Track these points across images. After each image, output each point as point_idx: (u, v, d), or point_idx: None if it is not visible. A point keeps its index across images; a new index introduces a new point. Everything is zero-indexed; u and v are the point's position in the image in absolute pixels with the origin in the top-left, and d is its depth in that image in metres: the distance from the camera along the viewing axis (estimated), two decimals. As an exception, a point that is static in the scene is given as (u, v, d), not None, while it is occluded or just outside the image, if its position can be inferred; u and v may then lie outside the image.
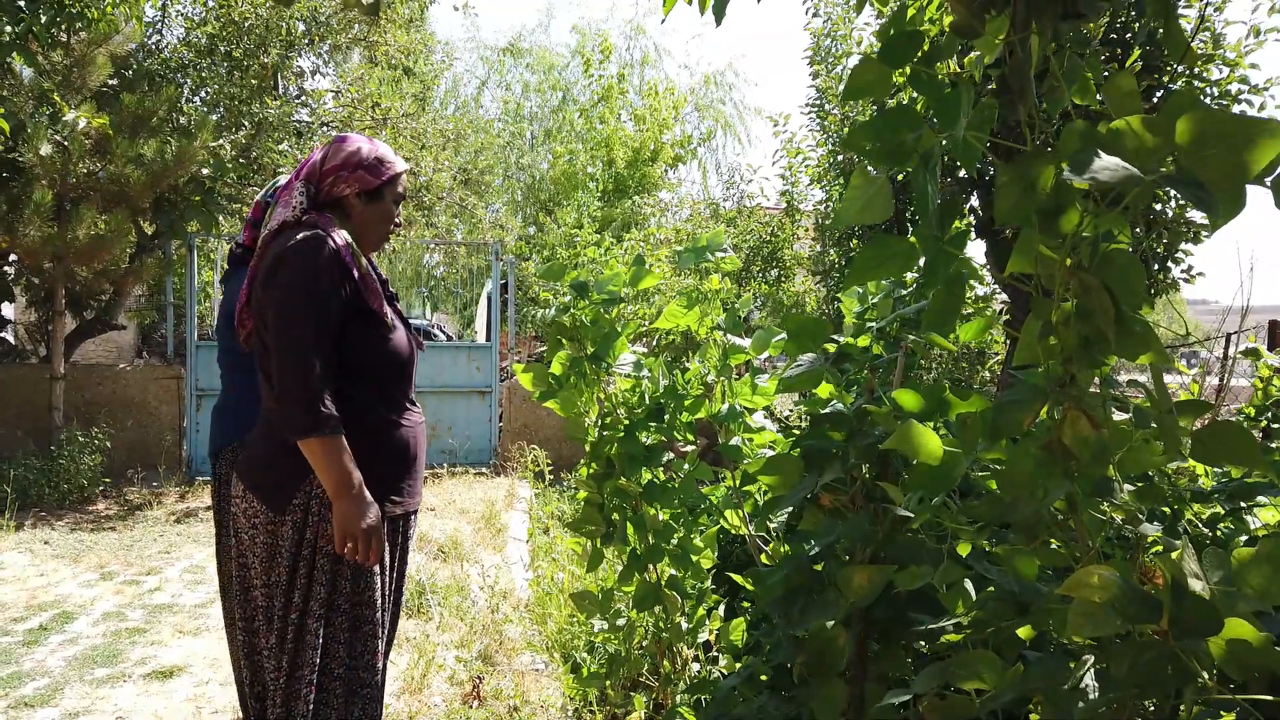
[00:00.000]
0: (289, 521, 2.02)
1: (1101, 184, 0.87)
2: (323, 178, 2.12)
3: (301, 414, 1.89)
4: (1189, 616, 0.91)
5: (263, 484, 2.05)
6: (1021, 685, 1.09)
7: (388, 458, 2.11)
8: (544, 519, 6.55)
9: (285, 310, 1.94)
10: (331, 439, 1.90)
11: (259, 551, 2.04)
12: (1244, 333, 4.25)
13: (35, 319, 9.05)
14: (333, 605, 2.03)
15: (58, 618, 4.36)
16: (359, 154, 2.13)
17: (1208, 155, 0.94)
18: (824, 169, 8.61)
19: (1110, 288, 1.06)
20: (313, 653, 1.99)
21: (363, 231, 2.16)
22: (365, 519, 1.93)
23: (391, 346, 2.10)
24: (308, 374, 1.89)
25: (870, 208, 1.13)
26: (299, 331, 1.92)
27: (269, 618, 2.05)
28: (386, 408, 2.13)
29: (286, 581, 2.02)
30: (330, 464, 1.91)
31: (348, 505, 1.92)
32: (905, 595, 1.44)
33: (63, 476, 7.13)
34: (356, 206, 2.14)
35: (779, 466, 1.65)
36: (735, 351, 2.60)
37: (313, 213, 2.07)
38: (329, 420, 1.90)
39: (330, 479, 1.92)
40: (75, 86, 7.42)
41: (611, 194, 14.69)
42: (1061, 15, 1.03)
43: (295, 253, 1.97)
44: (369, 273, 2.08)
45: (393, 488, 2.12)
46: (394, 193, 2.19)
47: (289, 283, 1.95)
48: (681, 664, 2.91)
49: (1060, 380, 1.07)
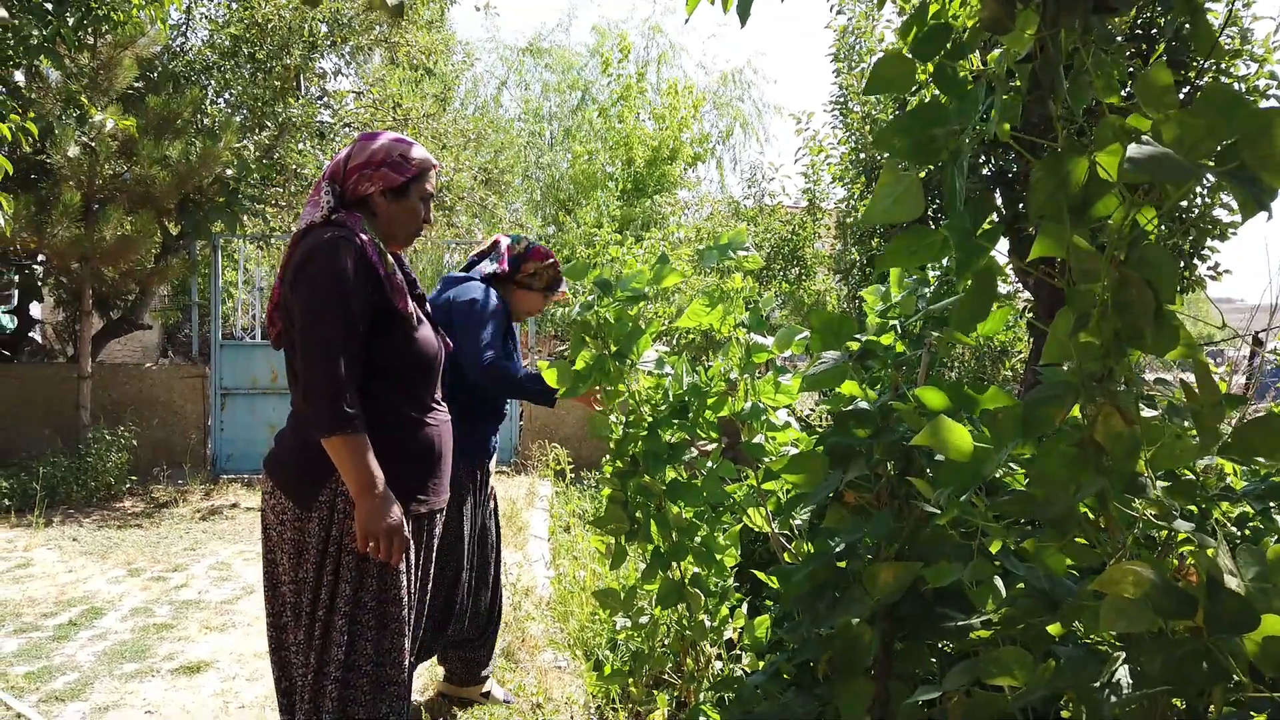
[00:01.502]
0: (315, 518, 2.03)
1: (1149, 176, 0.86)
2: (347, 176, 2.12)
3: (326, 412, 1.91)
4: (1224, 613, 0.91)
5: (289, 481, 2.07)
6: (1053, 682, 1.08)
7: (412, 457, 2.12)
8: (565, 517, 6.57)
9: (311, 310, 1.95)
10: (355, 438, 1.92)
11: (286, 548, 2.06)
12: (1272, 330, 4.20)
13: (63, 319, 9.17)
14: (359, 603, 2.03)
15: (86, 613, 4.42)
16: (382, 150, 2.12)
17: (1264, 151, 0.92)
18: (846, 167, 8.57)
19: (1152, 282, 1.05)
20: (338, 650, 2.00)
21: (389, 229, 2.16)
22: (387, 518, 1.94)
23: (417, 346, 2.11)
24: (333, 373, 1.91)
25: (900, 205, 1.12)
26: (325, 331, 1.93)
27: (296, 614, 2.07)
28: (411, 407, 2.14)
29: (313, 579, 2.03)
30: (354, 463, 1.92)
31: (370, 504, 1.93)
32: (932, 592, 1.44)
33: (90, 474, 7.22)
34: (382, 204, 2.13)
35: (803, 464, 1.65)
36: (758, 350, 2.60)
37: (341, 212, 2.07)
38: (353, 419, 1.91)
39: (353, 478, 1.93)
40: (102, 89, 7.51)
41: (631, 193, 14.70)
42: (1092, 9, 1.03)
43: (320, 253, 1.98)
44: (395, 272, 2.08)
45: (417, 486, 2.13)
46: (421, 189, 2.18)
47: (315, 283, 1.96)
48: (705, 662, 2.91)
49: (1096, 375, 1.07)
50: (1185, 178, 0.83)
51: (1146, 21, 6.00)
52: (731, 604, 2.84)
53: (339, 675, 2.00)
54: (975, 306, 1.12)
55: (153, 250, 8.14)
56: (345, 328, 1.95)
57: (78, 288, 8.00)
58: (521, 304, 3.15)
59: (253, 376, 8.51)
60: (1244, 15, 6.33)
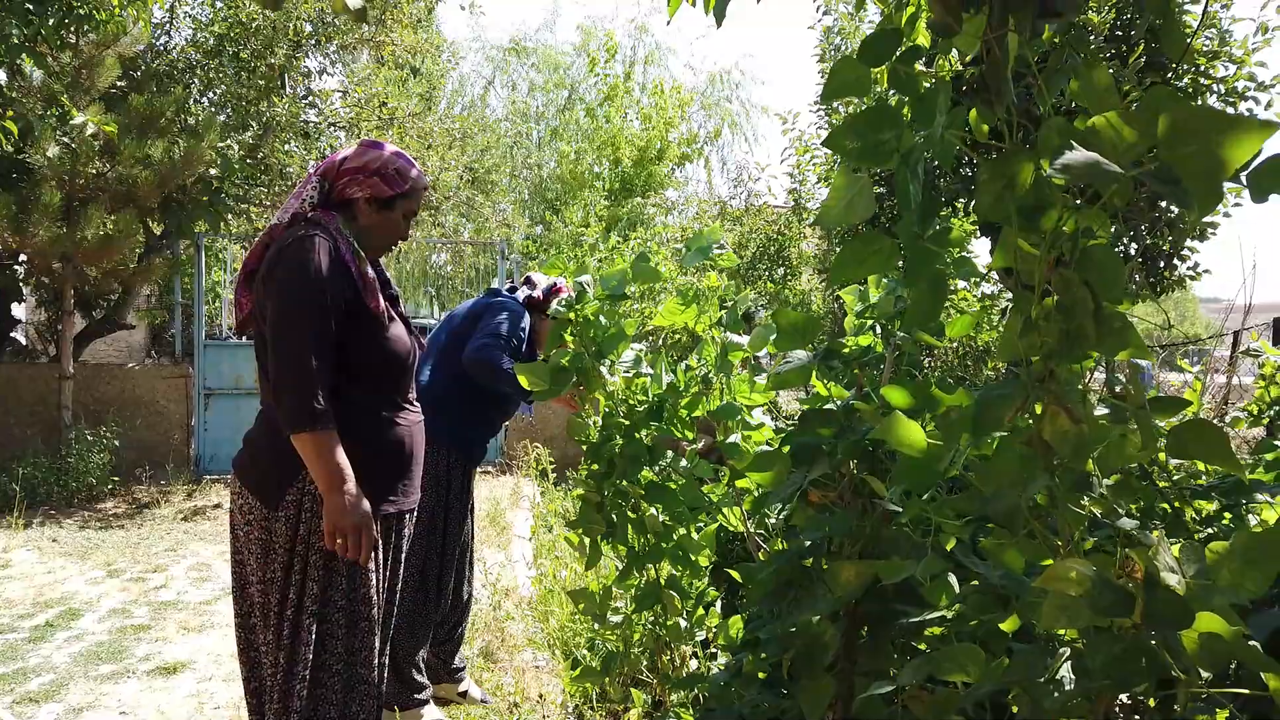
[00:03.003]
0: (282, 517, 2.03)
1: (1079, 179, 0.88)
2: (339, 176, 2.13)
3: (295, 408, 1.91)
4: (1160, 609, 0.92)
5: (256, 480, 2.07)
6: (1003, 678, 1.09)
7: (383, 456, 2.12)
8: (547, 517, 6.57)
9: (283, 306, 1.96)
10: (323, 434, 1.92)
11: (254, 548, 2.05)
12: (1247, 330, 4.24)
13: (45, 319, 9.12)
14: (328, 602, 2.03)
15: (64, 614, 4.40)
16: (379, 161, 2.14)
17: (1186, 151, 0.95)
18: (831, 166, 8.61)
19: (1090, 283, 1.07)
20: (307, 649, 2.00)
21: (366, 237, 2.17)
22: (355, 514, 1.94)
23: (389, 346, 2.11)
24: (303, 369, 1.92)
25: (852, 208, 1.14)
26: (296, 327, 1.94)
27: (265, 615, 2.05)
28: (383, 406, 2.14)
29: (281, 578, 2.02)
30: (322, 458, 1.92)
31: (338, 500, 1.93)
32: (892, 589, 1.45)
33: (71, 475, 7.18)
34: (365, 211, 2.14)
35: (768, 462, 1.66)
36: (733, 349, 2.60)
37: (320, 210, 2.09)
38: (322, 415, 1.91)
39: (321, 474, 1.94)
40: (84, 88, 7.47)
41: (618, 193, 14.70)
42: (1039, 13, 1.04)
43: (293, 250, 1.99)
44: (368, 272, 2.09)
45: (387, 486, 2.13)
46: (407, 207, 2.19)
47: (288, 279, 1.97)
48: (680, 661, 2.92)
49: (1040, 376, 1.08)
50: (1111, 181, 0.85)
51: (1126, 23, 6.04)
52: (707, 603, 2.85)
53: (308, 675, 2.00)
54: (926, 306, 1.13)
55: (136, 250, 8.10)
56: (316, 324, 1.95)
57: (59, 287, 7.96)
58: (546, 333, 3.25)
59: (237, 376, 8.49)
60: (1223, 17, 6.38)
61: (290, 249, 1.99)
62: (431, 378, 3.11)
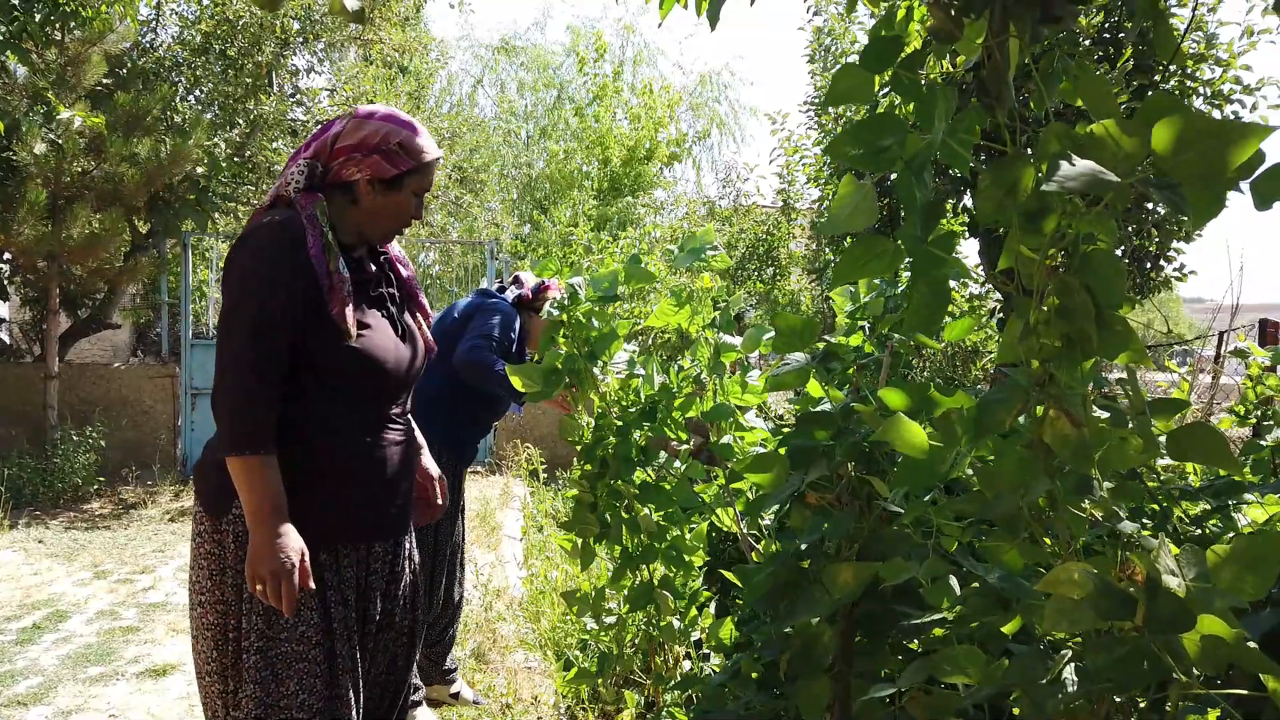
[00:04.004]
0: (228, 531, 1.79)
1: (1076, 193, 0.88)
2: (333, 155, 1.84)
3: (227, 426, 1.69)
4: (1162, 613, 0.93)
5: (205, 490, 1.84)
6: (1003, 680, 1.10)
7: (349, 482, 1.85)
8: (538, 517, 6.56)
9: (226, 305, 1.74)
10: (253, 459, 1.67)
11: (204, 564, 1.82)
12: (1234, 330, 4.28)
13: (29, 318, 9.04)
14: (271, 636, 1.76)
15: (51, 616, 4.37)
16: (379, 135, 1.83)
17: (1185, 158, 0.95)
18: (820, 168, 8.63)
19: (1091, 288, 1.08)
20: (256, 688, 1.74)
21: (368, 224, 1.90)
22: (274, 559, 1.67)
23: (361, 356, 1.82)
24: (239, 382, 1.69)
25: (856, 215, 1.14)
26: (236, 332, 1.71)
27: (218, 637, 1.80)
28: (358, 424, 1.86)
29: (233, 599, 1.79)
30: (249, 488, 1.68)
31: (259, 539, 1.67)
32: (891, 591, 1.46)
33: (57, 475, 7.13)
34: (367, 194, 1.85)
35: (766, 464, 1.67)
36: (726, 350, 2.61)
37: (301, 194, 1.82)
38: (254, 437, 1.68)
39: (247, 505, 1.69)
40: (70, 85, 7.42)
41: (607, 192, 14.69)
42: (1039, 19, 1.05)
43: (249, 241, 1.76)
44: (338, 271, 1.80)
45: (352, 514, 1.86)
46: (417, 183, 1.89)
47: (234, 276, 1.75)
48: (673, 662, 2.92)
49: (1040, 379, 1.09)
50: (1107, 190, 0.85)
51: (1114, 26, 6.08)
52: (700, 604, 2.86)
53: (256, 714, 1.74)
54: (928, 310, 1.13)
55: (122, 248, 8.04)
56: (261, 329, 1.70)
57: (44, 286, 7.90)
58: (536, 330, 3.29)
59: (224, 376, 8.42)
60: (1209, 20, 6.43)
61: (245, 241, 1.76)
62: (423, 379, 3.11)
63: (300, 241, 1.76)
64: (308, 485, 1.77)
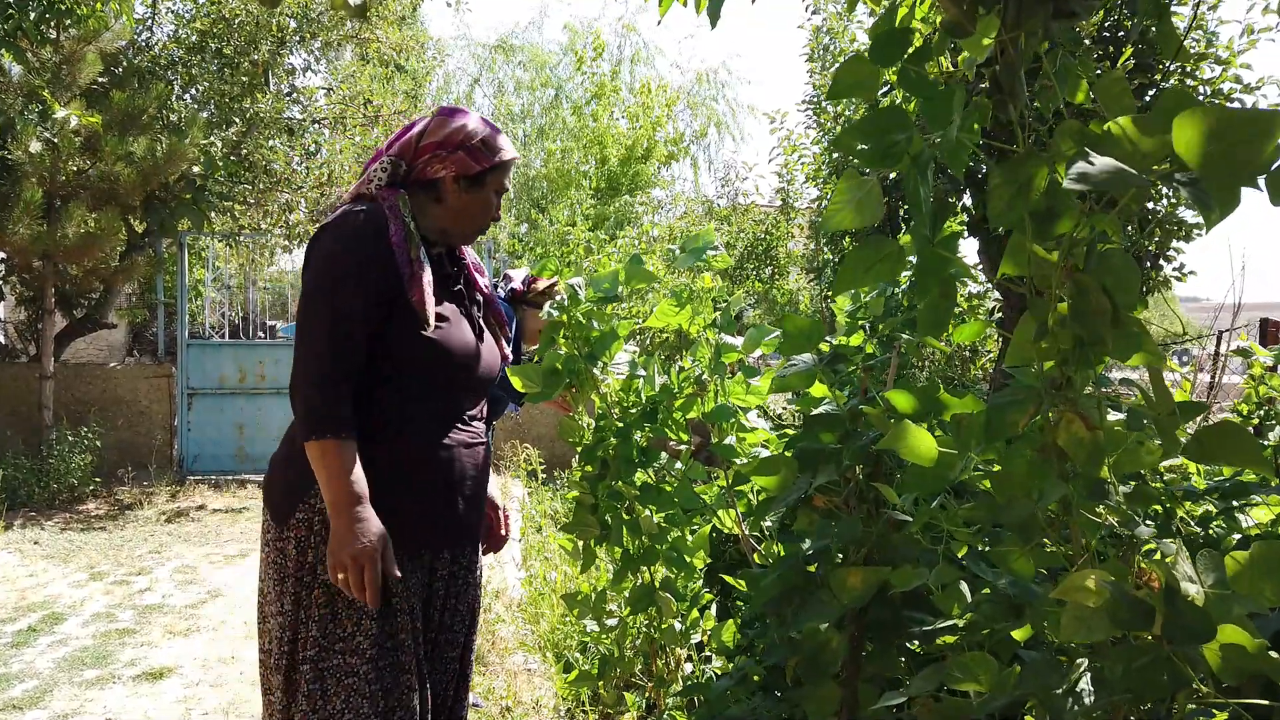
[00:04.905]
0: (291, 538, 1.76)
1: (1099, 188, 0.86)
2: (418, 154, 1.84)
3: (306, 410, 1.68)
4: (1181, 622, 0.91)
5: (271, 495, 1.82)
6: (1017, 688, 1.08)
7: (416, 482, 1.82)
8: (537, 518, 6.54)
9: (308, 290, 1.74)
10: (334, 442, 1.65)
11: (270, 572, 1.79)
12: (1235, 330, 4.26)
13: (25, 318, 9.00)
14: (327, 650, 1.73)
15: (47, 619, 4.34)
16: (464, 132, 1.84)
17: (1215, 152, 0.92)
18: (819, 167, 8.61)
19: (1107, 289, 1.05)
20: (305, 701, 1.71)
21: (455, 221, 1.89)
22: (357, 543, 1.64)
23: (437, 347, 1.80)
24: (319, 367, 1.69)
25: (860, 211, 1.12)
26: (318, 316, 1.71)
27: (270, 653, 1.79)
28: (428, 421, 1.83)
29: (291, 609, 1.75)
30: (329, 471, 1.66)
31: (340, 524, 1.65)
32: (900, 597, 1.44)
33: (52, 476, 7.09)
34: (453, 192, 1.85)
35: (773, 467, 1.64)
36: (727, 350, 2.59)
37: (382, 190, 1.81)
38: (334, 422, 1.66)
39: (327, 490, 1.67)
40: (65, 84, 7.38)
41: (605, 192, 14.67)
42: (1053, 14, 1.03)
43: (330, 231, 1.76)
44: (419, 260, 1.79)
45: (418, 519, 1.82)
46: (497, 181, 1.90)
47: (316, 265, 1.75)
48: (675, 664, 2.90)
49: (1055, 382, 1.07)
50: (1130, 187, 0.83)
51: (1114, 24, 6.07)
52: (701, 606, 2.84)
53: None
54: (938, 312, 1.11)
55: (117, 248, 8.01)
56: (343, 313, 1.70)
57: (40, 286, 7.87)
58: (533, 323, 3.27)
59: (220, 376, 8.41)
60: (1209, 19, 6.41)
61: (328, 226, 1.76)
62: None
63: (382, 230, 1.75)
64: (383, 484, 1.74)
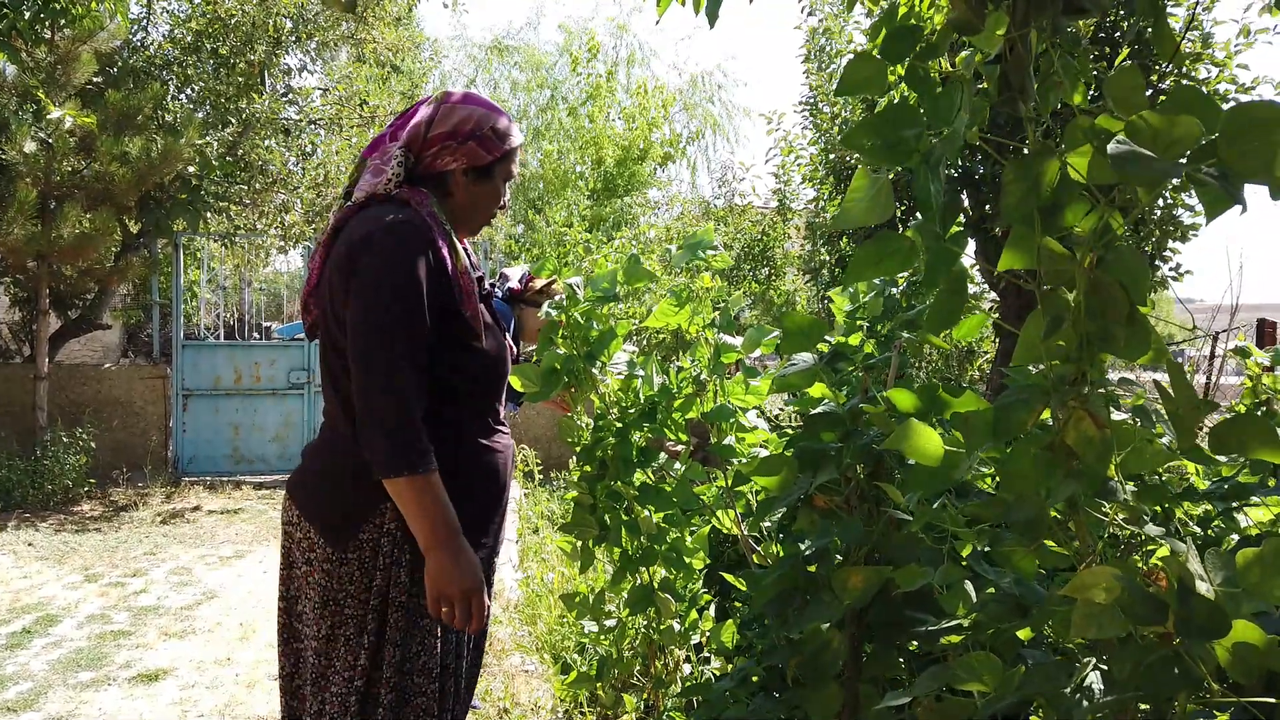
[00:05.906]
0: (353, 560, 1.65)
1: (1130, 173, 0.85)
2: (427, 145, 1.72)
3: (390, 449, 1.53)
4: (1196, 618, 0.90)
5: (321, 514, 1.69)
6: (1023, 688, 1.07)
7: (473, 489, 1.75)
8: (533, 519, 6.52)
9: (372, 317, 1.57)
10: (425, 478, 1.54)
11: (313, 594, 1.67)
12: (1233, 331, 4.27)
13: (19, 318, 8.97)
14: (404, 670, 1.66)
15: (41, 620, 4.32)
16: (472, 120, 1.73)
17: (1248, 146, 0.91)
18: (815, 167, 8.61)
19: (1125, 285, 1.05)
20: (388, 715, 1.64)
21: (464, 214, 1.79)
22: (466, 578, 1.59)
23: (482, 358, 1.74)
24: (398, 398, 1.54)
25: (873, 208, 1.11)
26: (388, 346, 1.55)
27: (318, 677, 1.68)
28: (475, 429, 1.78)
29: (353, 636, 1.66)
30: (423, 509, 1.56)
31: (445, 559, 1.57)
32: (902, 597, 1.43)
33: (47, 477, 7.07)
34: (462, 184, 1.75)
35: (773, 467, 1.63)
36: (727, 350, 2.58)
37: (406, 187, 1.70)
38: (422, 455, 1.54)
39: (422, 527, 1.57)
40: (59, 83, 7.35)
41: (601, 193, 14.66)
42: (1062, 10, 1.02)
43: (384, 241, 1.60)
44: (465, 268, 1.71)
45: (480, 527, 1.76)
46: (506, 171, 1.80)
47: (377, 277, 1.58)
48: (673, 665, 2.89)
49: (1068, 379, 1.06)
50: (1167, 176, 0.83)
51: (1111, 25, 6.08)
52: (700, 607, 2.83)
53: None
54: (948, 308, 1.11)
55: (112, 248, 7.99)
56: (412, 339, 1.58)
57: (34, 286, 7.84)
58: (531, 322, 3.27)
59: (216, 377, 8.38)
60: (1205, 20, 6.43)
61: (378, 237, 1.60)
62: None
63: (433, 243, 1.65)
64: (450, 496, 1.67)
